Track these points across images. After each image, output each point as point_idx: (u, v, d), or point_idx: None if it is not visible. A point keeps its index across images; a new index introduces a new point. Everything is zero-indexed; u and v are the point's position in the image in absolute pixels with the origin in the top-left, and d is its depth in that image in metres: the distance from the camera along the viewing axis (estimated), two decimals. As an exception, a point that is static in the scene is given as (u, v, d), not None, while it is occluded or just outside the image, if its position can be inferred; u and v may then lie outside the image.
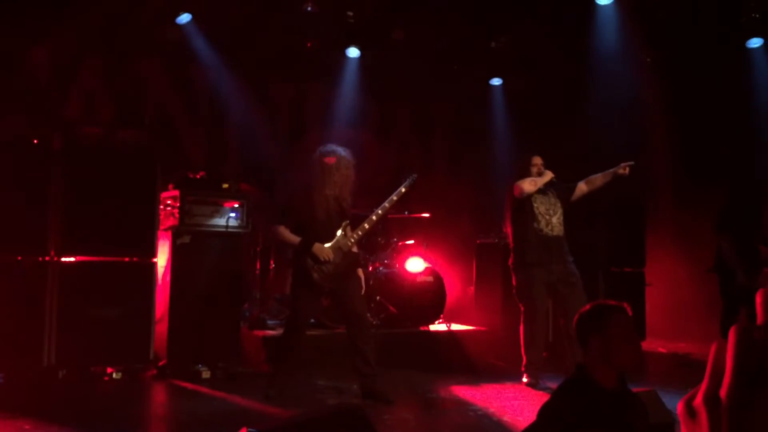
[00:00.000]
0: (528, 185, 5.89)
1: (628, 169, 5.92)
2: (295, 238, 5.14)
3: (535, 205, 5.97)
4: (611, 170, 5.99)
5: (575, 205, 6.17)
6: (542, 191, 6.01)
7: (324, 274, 5.10)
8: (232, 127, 8.18)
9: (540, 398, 5.45)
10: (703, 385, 2.14)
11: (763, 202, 6.80)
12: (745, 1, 7.15)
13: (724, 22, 7.39)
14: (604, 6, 7.38)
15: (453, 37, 8.11)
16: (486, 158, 9.30)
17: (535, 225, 5.91)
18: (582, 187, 6.14)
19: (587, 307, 2.85)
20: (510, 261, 6.09)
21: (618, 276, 7.78)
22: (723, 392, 2.06)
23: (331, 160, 5.22)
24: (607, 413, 2.69)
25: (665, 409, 3.66)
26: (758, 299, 2.21)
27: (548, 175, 5.98)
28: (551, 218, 5.97)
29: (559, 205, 6.06)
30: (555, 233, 5.96)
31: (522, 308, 6.00)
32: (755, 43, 7.70)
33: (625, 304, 2.84)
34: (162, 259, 6.20)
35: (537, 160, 6.05)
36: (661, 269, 8.22)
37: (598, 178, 6.10)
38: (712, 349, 2.14)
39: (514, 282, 6.06)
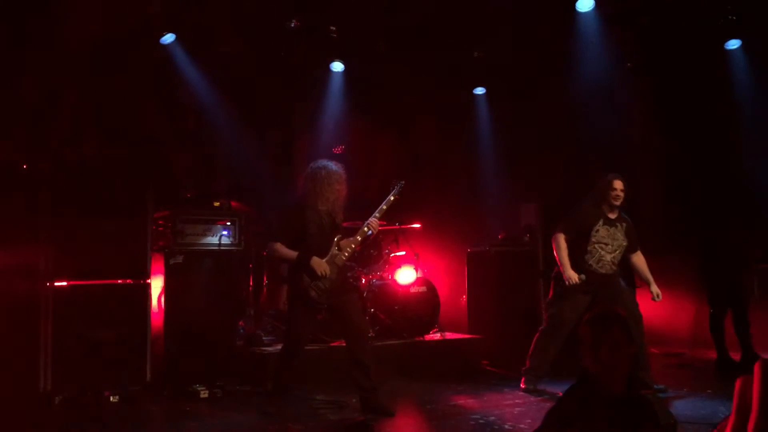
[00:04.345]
0: (556, 247, 5.77)
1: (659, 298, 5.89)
2: (293, 254, 5.13)
3: (595, 237, 5.78)
4: (651, 282, 5.93)
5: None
6: (610, 222, 5.83)
7: (321, 290, 5.10)
8: (219, 145, 8.17)
9: (539, 404, 5.51)
10: (731, 421, 2.15)
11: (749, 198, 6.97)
12: (723, 4, 7.25)
13: (703, 25, 7.50)
14: (585, 13, 7.46)
15: (436, 48, 8.16)
16: (473, 167, 9.36)
17: (585, 257, 5.79)
18: (633, 258, 6.02)
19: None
20: (554, 272, 5.99)
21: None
22: (750, 427, 2.07)
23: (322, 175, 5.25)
24: (614, 417, 2.73)
25: (667, 410, 3.70)
26: None
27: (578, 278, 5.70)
28: (606, 255, 5.81)
29: (624, 244, 5.86)
30: (604, 271, 5.81)
31: (546, 316, 6.02)
32: (733, 44, 7.83)
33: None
34: (156, 279, 6.18)
35: (618, 185, 5.80)
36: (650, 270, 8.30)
37: (639, 271, 6.03)
38: (737, 384, 2.15)
39: (551, 292, 6.03)
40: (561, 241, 5.81)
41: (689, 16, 7.37)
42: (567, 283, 5.71)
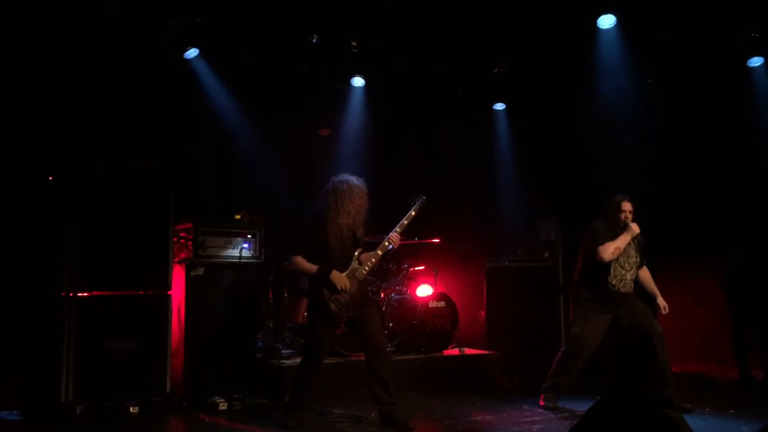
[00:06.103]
0: (611, 254, 5.68)
1: (666, 310, 5.92)
2: (313, 267, 5.15)
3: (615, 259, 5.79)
4: (657, 295, 5.93)
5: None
6: None
7: (341, 304, 5.11)
8: (241, 158, 8.24)
9: (558, 422, 5.47)
10: None
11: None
12: (745, 21, 7.23)
13: (725, 42, 7.47)
14: (606, 29, 7.46)
15: (456, 64, 8.19)
16: (492, 182, 9.35)
17: (609, 279, 5.76)
18: (639, 273, 5.99)
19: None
20: (573, 295, 6.02)
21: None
22: None
23: (344, 189, 5.27)
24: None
25: (690, 430, 3.65)
26: None
27: (633, 230, 5.74)
28: (626, 274, 5.82)
29: (637, 260, 5.91)
30: (625, 290, 5.82)
31: (566, 338, 5.99)
32: (756, 62, 7.79)
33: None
34: (176, 291, 6.23)
35: (627, 206, 5.81)
36: (669, 290, 8.22)
37: (645, 285, 6.00)
38: None
39: (571, 314, 6.04)
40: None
41: (711, 33, 7.35)
42: (633, 232, 5.70)
